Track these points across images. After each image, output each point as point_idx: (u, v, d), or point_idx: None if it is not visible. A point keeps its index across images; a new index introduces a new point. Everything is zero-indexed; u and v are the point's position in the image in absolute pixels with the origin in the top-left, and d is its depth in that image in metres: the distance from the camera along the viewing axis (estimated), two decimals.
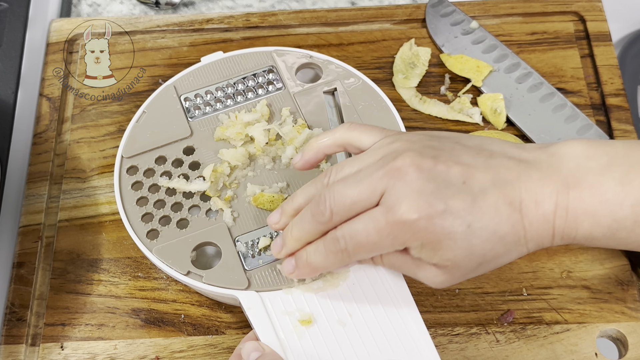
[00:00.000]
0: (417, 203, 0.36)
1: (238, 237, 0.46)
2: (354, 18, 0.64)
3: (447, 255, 0.36)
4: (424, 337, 0.41)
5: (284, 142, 0.49)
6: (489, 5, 0.64)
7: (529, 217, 0.36)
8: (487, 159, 0.37)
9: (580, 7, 0.64)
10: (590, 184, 0.36)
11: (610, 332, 0.50)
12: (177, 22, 0.64)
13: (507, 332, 0.50)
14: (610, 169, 0.36)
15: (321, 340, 0.41)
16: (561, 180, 0.36)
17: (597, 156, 0.36)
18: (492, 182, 0.36)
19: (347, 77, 0.53)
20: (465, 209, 0.35)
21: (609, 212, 0.35)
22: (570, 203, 0.36)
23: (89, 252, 0.54)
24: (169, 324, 0.51)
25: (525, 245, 0.37)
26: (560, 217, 0.36)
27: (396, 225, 0.36)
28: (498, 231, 0.36)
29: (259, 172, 0.49)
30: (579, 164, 0.36)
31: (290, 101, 0.52)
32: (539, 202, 0.36)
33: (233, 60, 0.54)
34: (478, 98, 0.59)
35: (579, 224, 0.36)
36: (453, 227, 0.35)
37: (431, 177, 0.36)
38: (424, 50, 0.62)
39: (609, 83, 0.60)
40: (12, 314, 0.51)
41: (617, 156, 0.36)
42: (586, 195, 0.35)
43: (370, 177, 0.37)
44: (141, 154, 0.50)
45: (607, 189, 0.35)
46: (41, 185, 0.56)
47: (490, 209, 0.36)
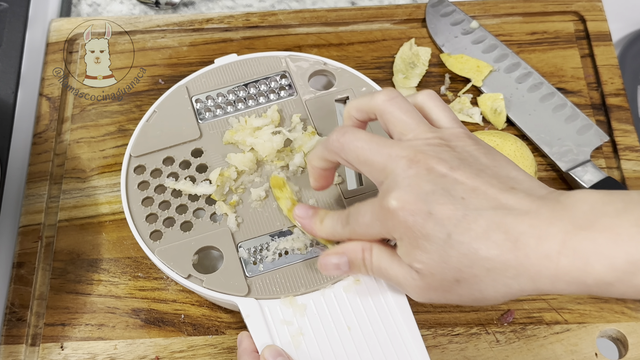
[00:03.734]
0: (405, 196, 0.36)
1: (241, 242, 0.46)
2: (354, 18, 0.64)
3: (421, 257, 0.36)
4: (422, 355, 0.40)
5: (293, 149, 0.49)
6: (489, 5, 0.64)
7: (526, 250, 0.34)
8: (504, 191, 0.36)
9: (581, 7, 0.64)
10: (604, 226, 0.33)
11: (610, 332, 0.50)
12: (177, 22, 0.64)
13: (507, 332, 0.50)
14: (626, 212, 0.34)
15: (318, 351, 0.41)
16: (573, 222, 0.34)
17: (612, 202, 0.34)
18: (493, 206, 0.35)
19: (360, 85, 0.52)
20: (450, 219, 0.35)
21: (625, 253, 0.33)
22: (580, 244, 0.33)
23: (89, 252, 0.54)
24: (169, 324, 0.51)
25: (516, 278, 0.34)
26: (566, 256, 0.33)
27: (383, 212, 0.37)
28: (480, 251, 0.34)
29: (266, 179, 0.48)
30: (595, 208, 0.34)
31: (301, 108, 0.51)
32: (541, 239, 0.34)
33: (246, 63, 0.53)
34: (478, 98, 0.59)
35: (590, 267, 0.33)
36: (432, 231, 0.35)
37: (434, 181, 0.36)
38: (424, 50, 0.62)
39: (609, 83, 0.60)
40: (12, 314, 0.51)
41: (632, 202, 0.34)
42: (599, 236, 0.33)
43: (389, 152, 0.37)
44: (149, 153, 0.49)
45: (622, 230, 0.33)
46: (41, 185, 0.56)
47: (479, 229, 0.34)
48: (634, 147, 0.57)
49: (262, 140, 0.48)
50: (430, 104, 0.41)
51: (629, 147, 0.57)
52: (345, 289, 0.43)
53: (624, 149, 0.57)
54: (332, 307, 0.42)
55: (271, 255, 0.45)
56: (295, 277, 0.44)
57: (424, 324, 0.50)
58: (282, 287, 0.44)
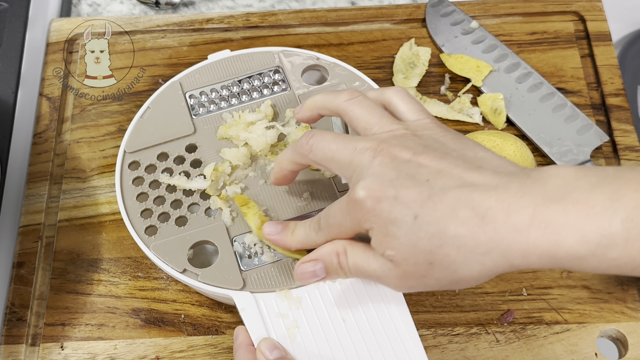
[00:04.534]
0: (370, 185, 0.36)
1: (235, 237, 0.46)
2: (354, 18, 0.64)
3: (392, 244, 0.36)
4: (418, 350, 0.41)
5: (287, 144, 0.49)
6: (489, 5, 0.64)
7: (494, 224, 0.33)
8: (470, 170, 0.36)
9: (580, 7, 0.64)
10: (576, 199, 0.33)
11: (610, 332, 0.50)
12: (177, 22, 0.64)
13: (507, 332, 0.50)
14: (600, 186, 0.33)
15: (313, 344, 0.41)
16: (543, 195, 0.33)
17: (587, 177, 0.34)
18: (458, 185, 0.35)
19: (352, 80, 0.53)
20: (416, 201, 0.35)
21: (598, 226, 0.32)
22: (551, 216, 0.33)
23: (89, 252, 0.54)
24: (169, 324, 0.51)
25: (487, 254, 0.34)
26: (536, 229, 0.33)
27: (351, 204, 0.37)
28: (448, 230, 0.34)
29: (260, 173, 0.49)
30: (567, 182, 0.34)
31: (295, 102, 0.52)
32: (510, 212, 0.33)
33: (240, 59, 0.54)
34: (478, 98, 0.59)
35: (562, 240, 0.32)
36: (400, 214, 0.35)
37: (397, 168, 0.36)
38: (424, 50, 0.62)
39: (609, 83, 0.60)
40: (12, 314, 0.51)
41: (607, 176, 0.33)
42: (571, 208, 0.32)
43: (354, 146, 0.38)
44: (143, 149, 0.50)
45: (596, 203, 0.32)
46: (41, 185, 0.56)
47: (445, 207, 0.34)
48: (634, 147, 0.57)
49: (256, 135, 0.49)
50: (396, 99, 0.42)
51: (629, 147, 0.57)
52: (340, 282, 0.43)
53: (624, 149, 0.57)
54: (327, 300, 0.42)
55: (266, 249, 0.45)
56: (290, 271, 0.44)
57: (424, 324, 0.50)
58: (277, 280, 0.44)
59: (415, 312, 0.42)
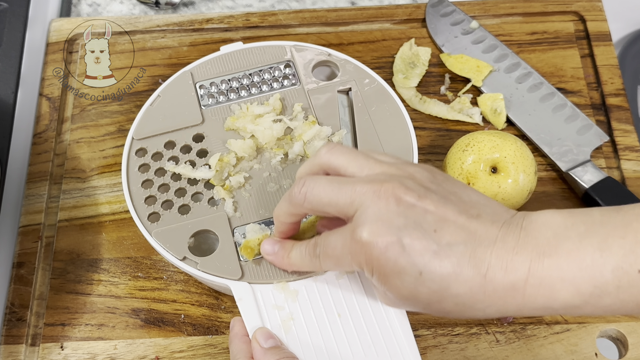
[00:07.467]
0: (379, 230, 0.36)
1: (237, 227, 0.46)
2: (354, 18, 0.64)
3: (392, 291, 0.37)
4: (411, 347, 0.41)
5: (293, 138, 0.49)
6: (489, 5, 0.64)
7: (494, 283, 0.35)
8: (472, 218, 0.36)
9: (580, 7, 0.64)
10: (567, 252, 0.34)
11: (610, 332, 0.50)
12: (177, 22, 0.64)
13: (507, 332, 0.50)
14: (587, 236, 0.34)
15: (307, 337, 0.41)
16: (537, 249, 0.35)
17: (575, 225, 0.35)
18: (464, 240, 0.36)
19: (362, 77, 0.53)
20: (423, 256, 0.35)
21: (589, 278, 0.34)
22: (545, 272, 0.34)
23: (89, 252, 0.54)
24: (169, 324, 0.51)
25: (483, 310, 0.36)
26: (532, 285, 0.34)
27: (355, 245, 0.37)
28: (450, 289, 0.35)
29: (265, 165, 0.49)
30: (557, 233, 0.35)
31: (303, 97, 0.52)
32: (508, 271, 0.35)
33: (251, 52, 0.54)
34: (478, 98, 0.59)
35: (556, 293, 0.34)
36: (405, 268, 0.35)
37: (405, 214, 0.36)
38: (424, 50, 0.62)
39: (609, 83, 0.60)
40: (12, 314, 0.51)
41: (594, 224, 0.35)
42: (563, 262, 0.34)
43: (354, 188, 0.37)
44: (151, 137, 0.50)
45: (586, 255, 0.34)
46: (41, 185, 0.56)
47: (450, 266, 0.35)
48: (634, 147, 0.57)
49: (263, 128, 0.49)
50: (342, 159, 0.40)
51: (629, 147, 0.57)
52: (337, 276, 0.43)
53: (624, 149, 0.57)
54: (324, 294, 0.43)
55: None
56: None
57: (424, 324, 0.50)
58: (275, 272, 0.44)
59: (415, 312, 0.42)
